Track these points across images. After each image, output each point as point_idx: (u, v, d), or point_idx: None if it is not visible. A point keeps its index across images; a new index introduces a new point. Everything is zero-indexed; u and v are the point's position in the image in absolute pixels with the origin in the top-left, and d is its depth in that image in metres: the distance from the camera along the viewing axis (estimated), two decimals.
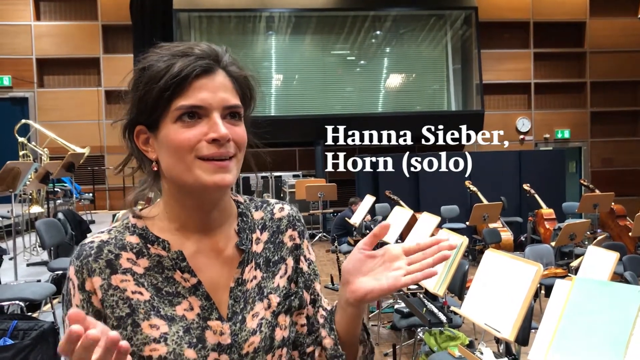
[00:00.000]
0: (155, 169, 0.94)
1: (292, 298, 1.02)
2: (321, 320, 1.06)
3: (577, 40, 13.51)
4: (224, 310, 0.95)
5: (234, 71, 0.93)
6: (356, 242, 7.06)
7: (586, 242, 7.58)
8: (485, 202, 8.83)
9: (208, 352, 0.91)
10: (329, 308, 1.09)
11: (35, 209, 8.16)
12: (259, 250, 1.01)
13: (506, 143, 10.66)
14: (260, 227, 1.04)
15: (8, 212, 6.71)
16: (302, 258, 1.06)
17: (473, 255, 8.42)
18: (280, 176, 11.39)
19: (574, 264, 5.47)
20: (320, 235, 10.55)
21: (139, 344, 0.89)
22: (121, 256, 0.92)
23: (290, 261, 1.04)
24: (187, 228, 0.96)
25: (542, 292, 5.37)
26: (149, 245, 0.94)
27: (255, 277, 0.99)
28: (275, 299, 0.99)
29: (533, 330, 2.72)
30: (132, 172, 1.00)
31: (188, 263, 0.94)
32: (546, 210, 8.84)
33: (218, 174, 0.88)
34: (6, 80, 11.64)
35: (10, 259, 5.76)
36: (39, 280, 5.29)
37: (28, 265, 6.51)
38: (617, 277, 4.71)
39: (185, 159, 0.88)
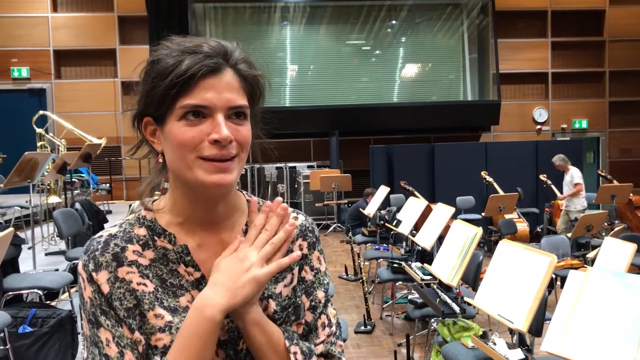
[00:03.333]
0: (161, 160, 0.95)
1: (290, 311, 1.00)
2: (320, 330, 1.03)
3: (596, 29, 13.30)
4: None
5: (243, 69, 0.93)
6: (370, 232, 7.07)
7: (603, 234, 7.51)
8: (501, 192, 8.78)
9: None
10: (334, 321, 1.06)
11: (53, 199, 8.24)
12: None
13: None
14: None
15: (26, 202, 6.81)
16: (306, 267, 1.05)
17: (488, 246, 8.38)
18: (294, 167, 11.40)
19: (591, 255, 5.43)
20: (334, 225, 10.56)
21: (147, 333, 0.91)
22: (127, 249, 0.94)
23: (296, 271, 1.03)
24: (192, 221, 0.97)
25: (558, 283, 5.33)
26: (155, 238, 0.96)
27: None
28: (273, 305, 0.98)
29: (547, 322, 2.71)
30: (145, 156, 1.01)
31: (192, 257, 0.95)
32: (562, 202, 8.75)
33: (218, 174, 0.89)
34: (24, 72, 11.76)
35: (29, 248, 5.84)
36: (56, 270, 5.35)
37: (46, 254, 6.59)
38: (635, 268, 4.67)
39: (187, 157, 0.89)
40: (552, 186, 8.93)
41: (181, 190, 0.95)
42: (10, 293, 4.15)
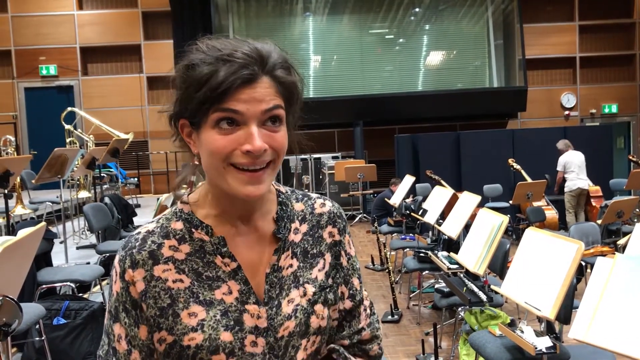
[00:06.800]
0: (197, 163, 0.97)
1: (327, 290, 1.03)
2: (363, 314, 1.09)
3: (626, 11, 12.96)
4: (261, 294, 0.97)
5: (280, 76, 0.91)
6: (396, 222, 7.04)
7: (635, 220, 7.36)
8: (529, 180, 8.66)
9: (245, 335, 0.94)
10: (367, 303, 1.12)
11: (83, 194, 8.40)
12: (297, 240, 1.03)
13: None
14: (300, 218, 1.06)
15: (57, 197, 6.94)
16: (342, 253, 1.08)
17: (517, 234, 8.28)
18: (319, 158, 11.39)
19: (621, 242, 5.33)
20: (360, 216, 10.56)
21: (179, 334, 0.92)
22: (163, 245, 0.96)
23: (328, 257, 1.06)
24: (228, 214, 0.98)
25: (588, 270, 5.25)
26: (192, 230, 0.97)
27: (291, 265, 1.01)
28: (311, 289, 1.01)
29: (576, 309, 2.68)
30: (188, 152, 1.00)
31: (229, 248, 0.97)
32: (592, 188, 8.62)
33: (250, 186, 0.90)
34: (52, 70, 11.97)
35: (61, 242, 5.96)
36: (88, 263, 5.47)
37: (77, 248, 6.73)
38: None
39: (219, 165, 0.90)
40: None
41: (218, 188, 0.96)
42: (44, 286, 4.25)
